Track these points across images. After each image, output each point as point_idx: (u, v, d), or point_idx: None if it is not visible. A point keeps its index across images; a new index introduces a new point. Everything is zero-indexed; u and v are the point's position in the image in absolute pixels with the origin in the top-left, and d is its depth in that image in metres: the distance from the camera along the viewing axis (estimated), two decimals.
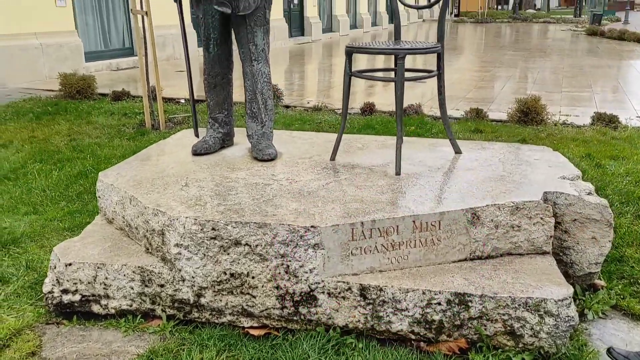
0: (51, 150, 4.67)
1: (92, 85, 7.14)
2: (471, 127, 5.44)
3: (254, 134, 2.83)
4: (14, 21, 8.19)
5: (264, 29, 2.72)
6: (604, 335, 2.02)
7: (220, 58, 2.82)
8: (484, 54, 13.26)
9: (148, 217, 2.16)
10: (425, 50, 2.41)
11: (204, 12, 2.72)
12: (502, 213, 2.09)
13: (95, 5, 10.00)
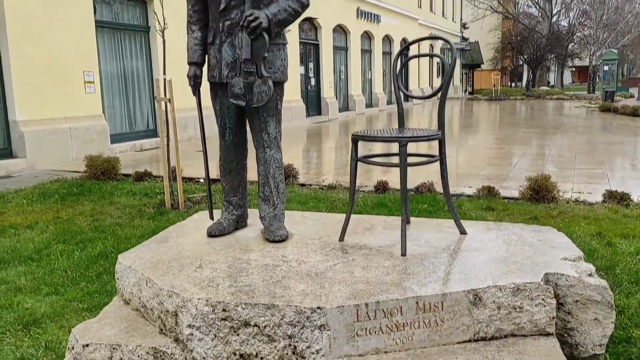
0: (74, 231, 4.84)
1: (116, 167, 7.44)
2: (483, 205, 5.53)
3: (266, 216, 2.96)
4: (45, 107, 8.68)
5: (276, 119, 2.92)
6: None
7: (235, 145, 3.01)
8: (498, 131, 13.52)
9: (163, 298, 2.26)
10: (426, 137, 2.56)
11: (221, 104, 2.93)
12: (503, 294, 2.14)
13: (122, 91, 10.57)
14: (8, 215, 5.52)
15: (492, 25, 46.34)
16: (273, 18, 2.70)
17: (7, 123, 8.37)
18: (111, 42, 10.28)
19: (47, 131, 8.67)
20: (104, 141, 9.69)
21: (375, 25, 21.96)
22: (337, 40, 19.15)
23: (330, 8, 17.76)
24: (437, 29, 32.32)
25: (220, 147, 3.05)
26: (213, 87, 2.94)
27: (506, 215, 5.12)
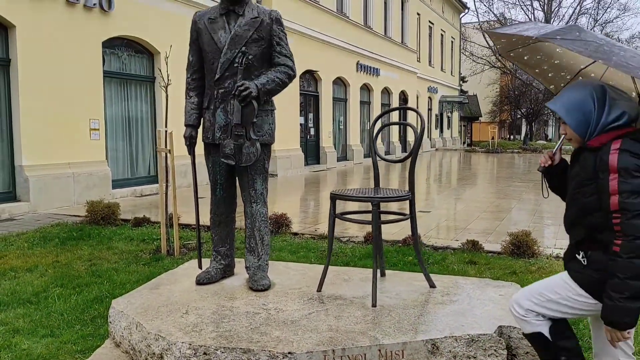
0: (72, 275, 5.05)
1: (116, 212, 7.69)
2: (466, 258, 5.74)
3: (251, 266, 3.20)
4: (51, 153, 9.02)
5: (262, 177, 3.20)
6: None
7: (225, 200, 3.28)
8: (491, 185, 13.82)
9: (150, 341, 2.47)
10: (396, 198, 2.83)
11: (213, 162, 3.23)
12: (459, 344, 2.36)
13: (125, 138, 10.95)
14: (9, 258, 5.74)
15: (490, 80, 47.49)
16: (262, 88, 3.02)
17: (13, 167, 8.68)
18: (117, 91, 10.73)
19: (51, 176, 8.97)
20: (105, 186, 9.98)
21: (374, 78, 22.66)
22: (336, 92, 19.74)
23: (331, 61, 18.42)
24: (435, 82, 33.19)
25: (211, 200, 3.32)
26: (207, 147, 3.24)
27: (487, 269, 5.33)
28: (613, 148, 2.00)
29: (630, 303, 1.92)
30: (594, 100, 2.11)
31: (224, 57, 3.06)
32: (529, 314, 2.16)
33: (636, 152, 1.98)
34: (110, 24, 10.10)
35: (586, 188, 2.06)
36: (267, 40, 3.13)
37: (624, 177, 1.95)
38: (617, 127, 2.07)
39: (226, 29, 3.10)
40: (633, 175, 1.94)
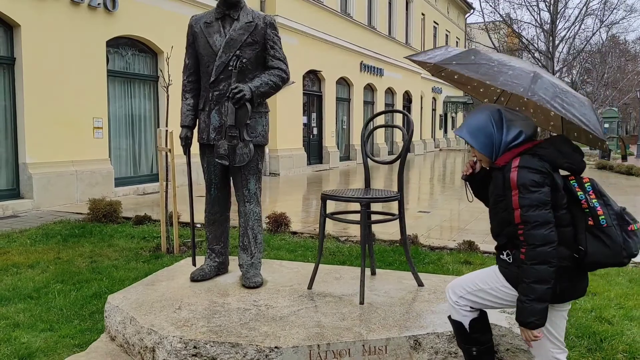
0: (72, 272, 5.15)
1: (118, 210, 7.79)
2: (462, 258, 5.81)
3: (244, 264, 3.28)
4: (54, 151, 9.13)
5: (256, 177, 3.28)
6: None
7: (219, 199, 3.36)
8: None
9: (143, 335, 2.56)
10: (385, 199, 2.90)
11: (208, 162, 3.31)
12: (440, 341, 2.43)
13: (129, 136, 11.06)
14: (12, 254, 5.84)
15: None
16: (256, 90, 3.10)
17: (17, 165, 8.80)
18: (121, 90, 10.84)
19: (54, 174, 9.08)
20: (108, 184, 10.09)
21: (378, 78, 22.71)
22: (340, 92, 19.81)
23: (335, 61, 18.48)
24: (440, 82, 33.20)
25: (206, 200, 3.40)
26: (202, 148, 3.33)
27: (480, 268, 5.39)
28: (513, 166, 2.17)
29: (536, 304, 2.10)
30: (492, 123, 2.28)
31: (219, 61, 3.14)
32: (461, 302, 2.36)
33: (532, 166, 2.15)
34: (115, 23, 10.21)
35: (500, 204, 2.25)
36: (261, 44, 3.21)
37: (522, 193, 2.13)
38: (517, 145, 2.25)
39: (221, 33, 3.18)
40: (530, 190, 2.12)
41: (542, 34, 43.62)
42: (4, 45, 8.60)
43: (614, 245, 2.12)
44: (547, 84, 2.15)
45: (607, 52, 38.28)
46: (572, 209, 2.20)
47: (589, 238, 2.14)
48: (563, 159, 2.21)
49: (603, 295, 4.43)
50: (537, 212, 2.10)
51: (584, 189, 2.20)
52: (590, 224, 2.15)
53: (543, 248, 2.09)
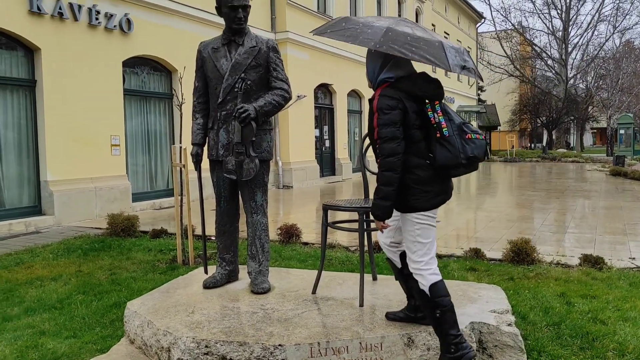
0: (93, 283, 5.42)
1: (135, 224, 8.08)
2: (467, 266, 5.97)
3: (252, 271, 3.51)
4: (74, 168, 9.49)
5: (262, 190, 3.52)
6: None
7: (228, 211, 3.60)
8: (503, 194, 13.96)
9: (159, 337, 2.79)
10: None
11: (217, 177, 3.56)
12: (432, 338, 2.63)
13: (145, 153, 11.41)
14: (35, 268, 6.14)
15: (509, 88, 47.34)
16: (260, 110, 3.35)
17: (39, 182, 9.16)
18: (137, 108, 11.22)
19: (74, 190, 9.43)
20: (126, 200, 10.42)
21: None
22: (351, 104, 20.08)
23: (345, 74, 18.77)
24: (452, 92, 33.34)
25: (216, 212, 3.64)
26: (211, 163, 3.58)
27: (486, 276, 5.55)
28: (376, 95, 2.79)
29: (381, 202, 2.68)
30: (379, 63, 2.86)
31: (226, 83, 3.40)
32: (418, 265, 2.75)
33: (387, 94, 2.74)
34: (130, 44, 10.60)
35: (371, 128, 2.81)
36: (265, 67, 3.47)
37: (379, 115, 2.71)
38: (385, 80, 2.83)
39: (227, 58, 3.44)
40: (384, 112, 2.70)
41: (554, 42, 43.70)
42: (25, 68, 9.00)
43: (454, 150, 2.67)
44: (399, 35, 2.68)
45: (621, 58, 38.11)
46: (426, 126, 2.76)
47: (437, 147, 2.70)
48: (416, 88, 2.76)
49: (602, 299, 4.57)
50: (387, 129, 2.66)
51: (434, 109, 2.75)
52: (437, 136, 2.71)
53: (391, 158, 2.65)
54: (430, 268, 2.72)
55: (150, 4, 10.99)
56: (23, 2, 8.62)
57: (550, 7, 42.22)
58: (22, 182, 9.03)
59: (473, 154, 2.72)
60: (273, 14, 15.00)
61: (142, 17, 10.82)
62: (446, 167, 2.70)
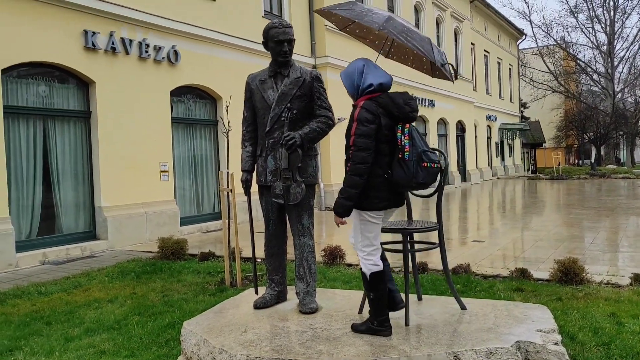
0: (147, 305, 5.65)
1: (184, 247, 8.35)
2: (514, 286, 5.92)
3: (300, 292, 3.64)
4: (125, 194, 9.90)
5: (308, 213, 3.67)
6: None
7: (277, 234, 3.76)
8: (550, 213, 13.69)
9: (215, 354, 2.94)
10: (424, 229, 3.20)
11: (266, 202, 3.73)
12: (478, 356, 2.69)
13: (192, 178, 11.80)
14: (92, 290, 6.44)
15: (553, 104, 46.40)
16: (305, 137, 3.52)
17: (93, 209, 9.59)
18: (184, 135, 11.64)
19: (126, 215, 9.82)
20: (174, 224, 10.77)
21: (429, 109, 22.94)
22: None
23: None
24: (494, 110, 32.99)
25: (265, 234, 3.81)
26: (260, 189, 3.76)
27: (533, 296, 5.51)
28: (358, 106, 3.16)
29: (345, 201, 3.14)
30: (357, 72, 3.27)
31: (273, 112, 3.60)
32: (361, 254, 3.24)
33: (368, 108, 3.12)
34: (177, 74, 11.06)
35: (348, 133, 3.17)
36: (309, 96, 3.65)
37: (358, 125, 3.10)
38: (369, 92, 3.21)
39: (274, 89, 3.64)
40: (363, 124, 3.09)
41: (599, 56, 42.74)
42: (80, 100, 9.52)
43: (408, 173, 3.08)
44: (398, 24, 3.21)
45: None
46: (392, 144, 3.15)
47: (396, 165, 3.12)
48: (395, 107, 3.14)
49: None
50: (362, 140, 3.06)
51: (403, 132, 3.13)
52: (400, 156, 3.11)
53: (360, 165, 3.07)
54: (371, 259, 3.17)
55: (196, 36, 11.46)
56: (78, 39, 9.16)
57: (593, 22, 41.49)
58: (78, 209, 9.47)
59: (424, 180, 3.10)
60: (313, 39, 15.34)
61: (189, 48, 11.29)
62: (398, 184, 3.12)
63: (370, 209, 3.17)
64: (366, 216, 3.19)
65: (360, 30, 3.77)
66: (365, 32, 3.80)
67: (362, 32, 3.79)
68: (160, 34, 10.65)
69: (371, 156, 3.08)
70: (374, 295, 3.12)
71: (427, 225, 3.23)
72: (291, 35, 3.63)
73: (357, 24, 3.67)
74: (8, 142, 8.37)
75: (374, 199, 3.15)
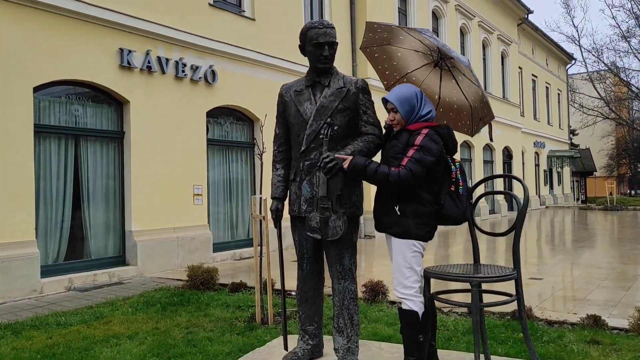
0: (169, 344, 5.08)
1: (215, 277, 7.80)
2: (587, 336, 5.09)
3: (340, 348, 2.98)
4: (157, 218, 9.47)
5: (350, 251, 3.02)
6: None
7: (312, 274, 3.12)
8: (611, 247, 12.61)
9: None
10: (499, 278, 2.52)
11: (300, 236, 3.10)
12: None
13: (226, 202, 11.31)
14: (113, 324, 5.92)
15: (604, 132, 44.66)
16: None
17: (124, 233, 9.18)
18: (219, 157, 11.21)
19: (157, 240, 9.37)
20: (207, 250, 10.26)
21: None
22: None
23: None
24: (542, 136, 31.75)
25: (298, 275, 3.18)
26: (293, 220, 3.14)
27: (613, 351, 4.68)
28: (422, 132, 3.02)
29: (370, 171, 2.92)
30: (416, 98, 3.12)
31: (310, 129, 2.99)
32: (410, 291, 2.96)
33: (435, 140, 3.01)
34: (214, 95, 10.68)
35: (399, 155, 3.01)
36: (353, 110, 3.04)
37: (419, 151, 2.94)
38: (426, 119, 3.12)
39: (312, 101, 3.04)
40: (424, 153, 2.95)
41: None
42: (114, 121, 9.20)
43: (461, 207, 3.03)
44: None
45: None
46: (445, 176, 3.07)
47: (448, 198, 3.02)
48: (451, 142, 3.12)
49: None
50: (419, 167, 2.91)
51: (455, 165, 3.10)
52: (451, 189, 3.04)
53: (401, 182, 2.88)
54: (421, 297, 2.91)
55: (235, 55, 11.10)
56: (114, 57, 8.88)
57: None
58: (108, 233, 9.08)
59: (470, 217, 3.09)
60: (354, 60, 14.84)
61: (227, 68, 10.92)
62: (447, 218, 3.01)
63: (425, 239, 2.99)
64: (420, 247, 2.97)
65: (380, 56, 3.56)
66: (384, 60, 3.59)
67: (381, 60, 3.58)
68: (198, 53, 10.32)
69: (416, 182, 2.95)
70: (423, 337, 2.86)
71: (501, 273, 2.54)
72: (334, 37, 3.05)
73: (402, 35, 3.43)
74: (38, 161, 8.07)
75: (427, 227, 2.98)
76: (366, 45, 3.45)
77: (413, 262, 2.91)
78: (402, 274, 2.94)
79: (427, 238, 2.97)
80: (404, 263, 2.94)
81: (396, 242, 2.99)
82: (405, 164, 2.91)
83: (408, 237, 2.93)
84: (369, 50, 3.49)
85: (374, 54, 3.49)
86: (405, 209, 2.97)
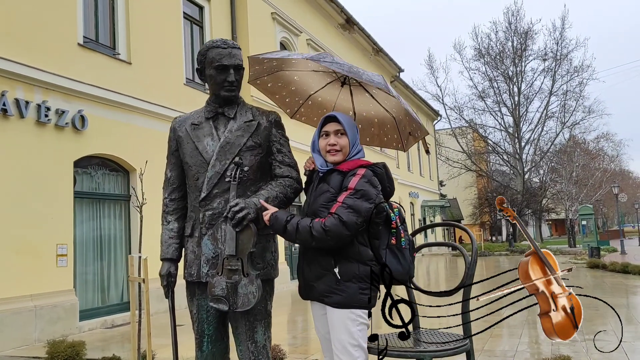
0: None
1: (81, 353, 6.64)
2: None
3: None
4: (9, 285, 8.04)
5: (264, 324, 2.42)
6: None
7: (214, 356, 2.45)
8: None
9: None
10: (450, 351, 2.05)
11: (199, 307, 2.45)
12: None
13: (97, 262, 10.03)
14: None
15: (467, 183, 48.08)
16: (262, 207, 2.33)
17: None
18: (89, 212, 9.98)
19: (10, 311, 7.92)
20: (72, 319, 8.89)
21: None
22: None
23: None
24: (416, 187, 33.24)
25: (196, 358, 2.48)
26: (190, 287, 2.48)
27: None
28: (357, 173, 2.46)
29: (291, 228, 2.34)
30: (356, 128, 2.62)
31: (212, 171, 2.39)
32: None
33: (373, 184, 2.45)
34: (83, 142, 9.57)
35: (331, 203, 2.42)
36: (265, 148, 2.50)
37: (353, 194, 2.37)
38: (358, 157, 2.58)
39: (214, 136, 2.46)
40: (358, 198, 2.37)
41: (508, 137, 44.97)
42: None
43: (405, 264, 2.42)
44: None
45: (572, 152, 39.29)
46: (384, 226, 2.45)
47: (388, 253, 2.40)
48: (390, 183, 2.56)
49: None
50: (353, 216, 2.33)
51: (394, 212, 2.48)
52: (392, 242, 2.42)
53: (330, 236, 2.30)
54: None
55: (108, 100, 10.12)
56: None
57: (500, 105, 43.90)
58: None
59: (414, 275, 2.53)
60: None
61: (98, 114, 9.89)
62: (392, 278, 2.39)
63: (370, 307, 2.37)
64: (365, 318, 2.35)
65: (273, 86, 3.07)
66: (277, 89, 3.09)
67: (275, 88, 3.08)
68: (64, 96, 9.24)
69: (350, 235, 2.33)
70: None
71: (450, 346, 2.08)
72: (240, 59, 2.52)
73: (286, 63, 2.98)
74: None
75: (372, 291, 2.35)
76: (255, 77, 2.97)
77: (360, 338, 2.30)
78: (350, 355, 2.29)
79: (372, 305, 2.38)
80: (351, 340, 2.30)
81: (337, 314, 2.34)
82: (335, 211, 2.34)
83: (352, 307, 2.31)
84: (259, 81, 3.00)
85: (266, 84, 3.02)
86: (347, 272, 2.35)
